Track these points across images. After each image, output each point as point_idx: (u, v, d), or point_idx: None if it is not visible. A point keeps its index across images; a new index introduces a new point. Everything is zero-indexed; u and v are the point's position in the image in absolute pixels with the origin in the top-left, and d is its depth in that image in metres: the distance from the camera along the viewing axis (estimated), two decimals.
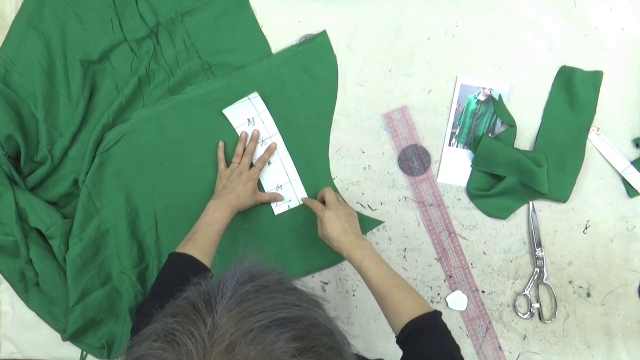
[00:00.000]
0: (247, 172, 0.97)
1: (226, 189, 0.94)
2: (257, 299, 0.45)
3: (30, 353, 1.04)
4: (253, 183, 0.96)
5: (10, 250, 0.97)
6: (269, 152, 0.99)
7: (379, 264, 0.84)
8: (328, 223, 0.89)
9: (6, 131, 0.94)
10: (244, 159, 0.98)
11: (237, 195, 0.93)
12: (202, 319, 0.43)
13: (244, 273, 0.48)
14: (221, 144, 1.00)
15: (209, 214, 0.90)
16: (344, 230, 0.88)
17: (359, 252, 0.85)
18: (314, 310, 0.48)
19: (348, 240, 0.87)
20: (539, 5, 1.01)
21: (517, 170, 0.97)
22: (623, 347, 1.00)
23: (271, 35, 1.03)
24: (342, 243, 0.87)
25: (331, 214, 0.90)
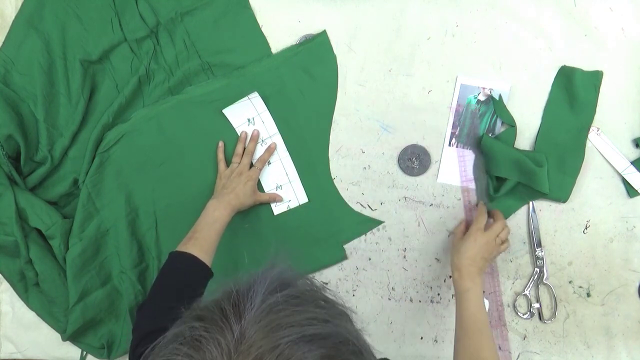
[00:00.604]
0: (247, 172, 0.97)
1: (226, 188, 0.94)
2: (286, 311, 0.44)
3: (30, 353, 1.04)
4: (253, 183, 0.96)
5: (10, 250, 0.97)
6: (269, 152, 1.00)
7: (479, 304, 0.85)
8: (471, 242, 0.89)
9: (6, 131, 0.94)
10: (244, 159, 0.98)
11: (236, 195, 0.93)
12: (230, 326, 0.43)
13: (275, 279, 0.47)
14: (221, 144, 1.00)
15: (209, 213, 0.90)
16: (474, 256, 0.88)
17: (470, 282, 0.86)
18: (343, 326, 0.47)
19: (467, 269, 0.87)
20: (539, 5, 1.01)
21: (518, 170, 0.97)
22: (623, 347, 1.00)
23: (271, 35, 1.03)
24: (462, 266, 0.87)
25: (482, 239, 0.89)
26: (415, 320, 1.03)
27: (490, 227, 0.92)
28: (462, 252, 0.89)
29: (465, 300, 0.85)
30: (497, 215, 0.95)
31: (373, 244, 1.03)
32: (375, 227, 1.03)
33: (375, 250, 1.03)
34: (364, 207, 1.03)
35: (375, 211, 1.03)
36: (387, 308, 1.03)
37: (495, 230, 0.91)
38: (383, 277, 1.03)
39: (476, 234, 0.90)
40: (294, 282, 0.48)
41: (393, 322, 1.03)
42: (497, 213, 0.96)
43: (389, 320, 1.03)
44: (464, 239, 0.90)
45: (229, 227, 1.02)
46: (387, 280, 1.03)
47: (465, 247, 0.89)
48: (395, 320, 1.03)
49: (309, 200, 1.02)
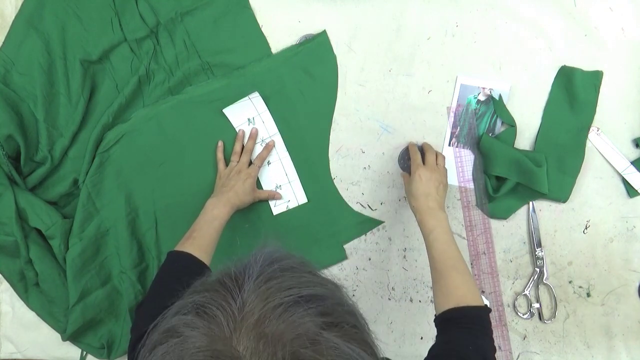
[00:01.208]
0: (246, 170, 0.97)
1: (225, 186, 0.94)
2: (283, 277, 0.46)
3: (30, 353, 1.04)
4: (252, 180, 0.96)
5: (10, 250, 0.97)
6: (268, 149, 1.00)
7: (447, 241, 0.83)
8: (416, 180, 0.89)
9: (6, 131, 0.94)
10: (243, 156, 0.98)
11: (236, 193, 0.93)
12: (232, 295, 0.44)
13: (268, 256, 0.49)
14: (220, 144, 1.00)
15: (208, 212, 0.90)
16: (428, 194, 0.87)
17: (433, 220, 0.84)
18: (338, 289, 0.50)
19: (427, 205, 0.86)
20: (539, 5, 1.01)
21: (517, 170, 0.97)
22: (623, 347, 1.00)
23: (271, 35, 1.03)
24: (420, 205, 0.86)
25: (424, 173, 0.89)
26: (415, 320, 1.03)
27: (425, 159, 0.93)
28: (413, 193, 0.88)
29: (433, 241, 0.82)
30: (425, 146, 0.97)
31: (373, 244, 1.03)
32: (375, 227, 1.03)
33: (375, 250, 1.03)
34: (364, 207, 1.03)
35: (375, 211, 1.03)
36: (387, 308, 1.03)
37: (430, 159, 0.92)
38: (383, 277, 1.03)
39: (418, 170, 0.90)
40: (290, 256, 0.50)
41: (393, 322, 1.03)
42: (424, 144, 0.97)
43: (389, 320, 1.03)
44: (411, 181, 0.90)
45: (229, 227, 1.02)
46: (387, 280, 1.03)
47: (414, 187, 0.88)
48: (395, 320, 1.03)
49: (309, 200, 1.02)
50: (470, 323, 0.73)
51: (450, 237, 0.83)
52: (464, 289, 0.77)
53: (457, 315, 0.73)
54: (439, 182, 0.90)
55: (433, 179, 0.89)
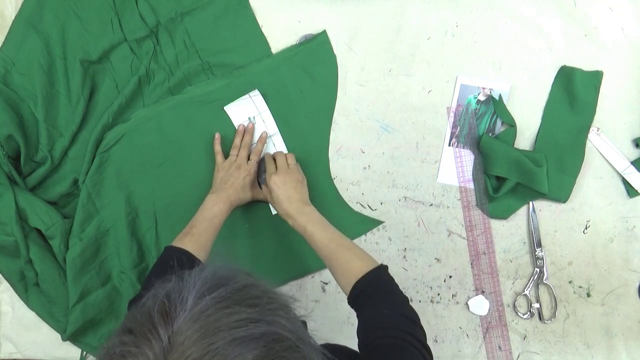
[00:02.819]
0: (246, 166, 0.96)
1: (225, 183, 0.93)
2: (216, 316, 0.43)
3: (30, 353, 1.04)
4: (252, 177, 0.96)
5: (10, 250, 0.97)
6: (262, 142, 0.99)
7: (323, 227, 0.85)
8: (274, 189, 0.90)
9: (6, 131, 0.94)
10: (242, 151, 0.98)
11: (235, 190, 0.93)
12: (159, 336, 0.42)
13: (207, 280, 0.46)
14: (217, 135, 1.00)
15: (207, 209, 0.89)
16: (288, 197, 0.89)
17: (302, 217, 0.86)
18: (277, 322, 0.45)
19: (292, 207, 0.88)
20: (539, 5, 1.01)
21: (517, 170, 0.97)
22: (623, 347, 1.00)
23: (271, 35, 1.03)
24: (287, 210, 0.88)
25: (277, 180, 0.90)
26: None
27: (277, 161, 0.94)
28: (275, 200, 0.90)
29: (311, 234, 0.84)
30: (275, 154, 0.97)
31: (373, 244, 1.03)
32: (375, 227, 1.03)
33: (375, 250, 1.03)
34: (364, 207, 1.03)
35: (375, 211, 1.03)
36: None
37: (280, 162, 0.93)
38: None
39: (273, 179, 0.91)
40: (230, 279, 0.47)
41: None
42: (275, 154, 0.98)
43: None
44: (273, 188, 0.91)
45: (228, 227, 1.02)
46: None
47: (276, 195, 0.90)
48: None
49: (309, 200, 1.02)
50: (375, 288, 0.74)
51: (324, 222, 0.86)
52: (357, 260, 0.78)
53: (361, 288, 0.74)
54: (295, 181, 0.91)
55: (288, 181, 0.90)
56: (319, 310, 1.03)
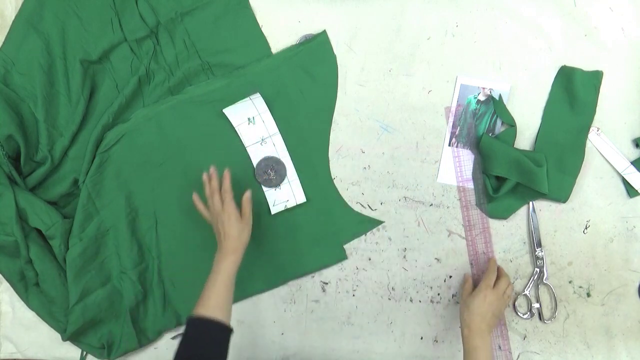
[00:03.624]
0: (224, 211, 0.91)
1: (219, 235, 0.91)
2: None
3: (30, 353, 1.04)
4: (234, 215, 0.91)
5: (10, 250, 0.97)
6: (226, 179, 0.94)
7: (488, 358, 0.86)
8: (480, 299, 0.90)
9: (6, 131, 0.94)
10: (214, 199, 0.93)
11: (229, 236, 0.90)
12: None
13: None
14: (195, 196, 0.96)
15: (215, 268, 0.89)
16: (484, 316, 0.89)
17: (479, 340, 0.87)
18: None
19: (478, 326, 0.88)
20: (539, 5, 1.01)
21: (517, 170, 0.97)
22: (623, 347, 1.00)
23: (271, 35, 1.03)
24: (472, 322, 0.89)
25: (490, 296, 0.91)
26: (415, 320, 1.03)
27: (497, 284, 0.93)
28: (472, 309, 0.90)
29: (474, 356, 0.86)
30: (501, 272, 0.96)
31: (373, 244, 1.03)
32: (375, 227, 1.03)
33: (375, 250, 1.03)
34: (364, 207, 1.03)
35: (375, 211, 1.03)
36: (387, 308, 1.03)
37: (502, 287, 0.93)
38: (383, 277, 1.03)
39: (486, 291, 0.91)
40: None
41: (393, 322, 1.03)
42: (501, 270, 0.97)
43: (389, 320, 1.03)
44: (474, 296, 0.91)
45: None
46: (387, 280, 1.03)
47: (476, 304, 0.90)
48: (395, 320, 1.03)
49: (309, 200, 1.02)
50: None
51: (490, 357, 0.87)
52: None
53: None
54: (498, 310, 0.92)
55: (494, 305, 0.91)
56: (319, 310, 1.03)
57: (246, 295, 1.03)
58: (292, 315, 1.03)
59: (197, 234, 1.02)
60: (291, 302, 1.04)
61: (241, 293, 1.03)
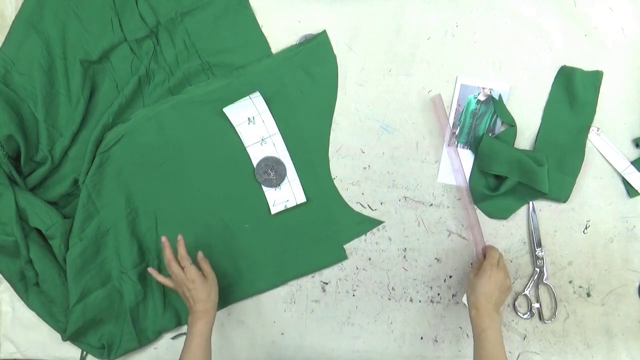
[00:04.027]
0: (185, 278, 0.91)
1: (187, 301, 0.91)
2: None
3: (30, 353, 1.04)
4: (199, 279, 0.91)
5: (10, 250, 0.97)
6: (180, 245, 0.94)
7: (498, 344, 0.84)
8: (486, 279, 0.88)
9: (6, 131, 0.94)
10: (172, 268, 0.92)
11: (199, 300, 0.90)
12: None
13: None
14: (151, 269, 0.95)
15: (189, 332, 0.89)
16: (490, 295, 0.88)
17: (488, 320, 0.86)
18: None
19: (486, 305, 0.87)
20: (539, 5, 1.01)
21: (518, 169, 0.97)
22: (623, 347, 1.00)
23: (271, 35, 1.03)
24: (480, 304, 0.87)
25: (496, 275, 0.89)
26: (415, 320, 1.03)
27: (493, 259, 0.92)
28: (477, 289, 0.88)
29: (483, 340, 0.84)
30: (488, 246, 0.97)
31: (373, 244, 1.03)
32: (375, 227, 1.03)
33: (375, 250, 1.03)
34: (364, 207, 1.03)
35: (375, 211, 1.03)
36: (387, 308, 1.03)
37: (501, 261, 0.92)
38: (383, 277, 1.03)
39: (491, 269, 0.89)
40: None
41: (393, 322, 1.03)
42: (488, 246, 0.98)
43: (389, 320, 1.03)
44: (479, 276, 0.89)
45: (229, 227, 1.02)
46: (387, 280, 1.03)
47: (481, 284, 0.88)
48: (395, 320, 1.03)
49: (309, 200, 1.02)
50: None
51: (501, 340, 0.85)
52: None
53: None
54: (505, 286, 0.90)
55: (500, 282, 0.89)
56: (319, 310, 1.03)
57: (246, 295, 1.03)
58: (292, 315, 1.03)
59: (197, 234, 1.02)
60: (291, 302, 1.04)
61: (241, 293, 1.03)
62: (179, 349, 1.03)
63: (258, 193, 1.02)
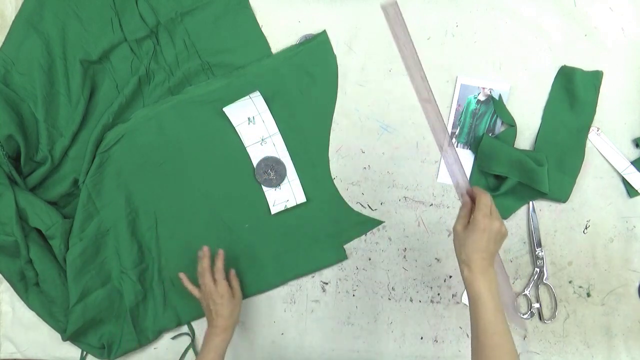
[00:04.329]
0: (216, 291, 0.92)
1: (210, 314, 0.92)
2: None
3: (30, 353, 1.04)
4: (227, 294, 0.93)
5: (10, 250, 0.97)
6: (220, 259, 0.95)
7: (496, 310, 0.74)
8: (479, 232, 0.75)
9: (6, 131, 0.94)
10: (205, 278, 0.94)
11: (222, 316, 0.91)
12: None
13: None
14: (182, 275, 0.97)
15: (207, 344, 0.90)
16: (484, 250, 0.76)
17: (483, 281, 0.75)
18: None
19: (481, 262, 0.75)
20: (539, 5, 1.01)
21: (518, 169, 0.97)
22: (623, 347, 1.00)
23: (271, 35, 1.03)
24: (472, 262, 0.75)
25: (491, 226, 0.76)
26: (415, 320, 1.03)
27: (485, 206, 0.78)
28: (469, 245, 0.76)
29: (480, 305, 0.73)
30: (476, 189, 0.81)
31: (373, 244, 1.03)
32: (375, 227, 1.03)
33: (375, 250, 1.03)
34: (364, 207, 1.03)
35: (375, 211, 1.03)
36: (387, 308, 1.03)
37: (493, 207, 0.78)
38: (383, 277, 1.03)
39: (484, 221, 0.75)
40: None
41: (393, 322, 1.03)
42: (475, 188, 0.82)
43: (389, 320, 1.03)
44: (471, 229, 0.76)
45: (228, 227, 1.02)
46: (387, 280, 1.03)
47: (474, 239, 0.76)
48: (395, 320, 1.03)
49: (309, 200, 1.02)
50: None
51: (499, 303, 0.74)
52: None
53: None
54: (501, 234, 0.77)
55: (494, 231, 0.76)
56: (319, 310, 1.03)
57: (246, 295, 1.03)
58: (292, 315, 1.03)
59: (197, 234, 1.02)
60: (291, 302, 1.04)
61: None
62: (179, 349, 1.03)
63: (258, 193, 1.02)
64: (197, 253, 0.96)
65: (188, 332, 1.03)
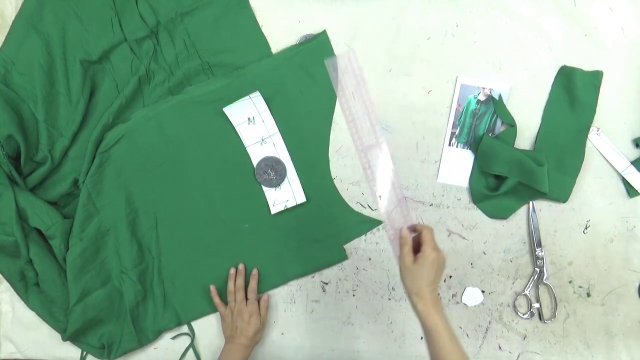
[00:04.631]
0: (246, 309, 0.97)
1: (234, 331, 0.95)
2: None
3: (30, 353, 1.04)
4: (256, 316, 0.97)
5: (10, 250, 0.97)
6: (254, 279, 1.00)
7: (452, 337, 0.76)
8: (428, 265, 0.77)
9: (6, 131, 0.94)
10: (237, 295, 0.98)
11: (246, 336, 0.94)
12: None
13: None
14: (212, 287, 1.00)
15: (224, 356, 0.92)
16: (434, 282, 0.78)
17: (436, 314, 0.77)
18: None
19: (432, 295, 0.77)
20: (539, 5, 1.01)
21: (518, 169, 0.97)
22: (623, 347, 1.00)
23: (271, 35, 1.03)
24: (424, 295, 0.77)
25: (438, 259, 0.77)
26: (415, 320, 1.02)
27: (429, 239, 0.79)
28: (420, 280, 0.77)
29: (436, 336, 0.75)
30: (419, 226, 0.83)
31: (373, 244, 1.03)
32: (375, 227, 1.03)
33: (375, 250, 1.03)
34: (364, 207, 1.03)
35: (375, 211, 1.03)
36: (387, 308, 1.03)
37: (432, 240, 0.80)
38: (383, 277, 1.03)
39: (432, 254, 0.77)
40: None
41: (393, 322, 1.03)
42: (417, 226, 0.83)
43: (389, 320, 1.03)
44: (421, 264, 0.77)
45: (228, 227, 1.02)
46: (387, 280, 1.03)
47: (424, 274, 0.77)
48: (395, 320, 1.03)
49: (309, 200, 1.02)
50: None
51: (452, 330, 0.77)
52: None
53: None
54: (443, 265, 0.80)
55: (441, 265, 0.79)
56: (319, 310, 1.03)
57: None
58: (292, 315, 1.03)
59: (197, 234, 1.02)
60: (291, 302, 1.04)
61: None
62: (179, 349, 1.03)
63: (258, 193, 1.02)
64: (230, 270, 0.99)
65: (188, 332, 1.03)
